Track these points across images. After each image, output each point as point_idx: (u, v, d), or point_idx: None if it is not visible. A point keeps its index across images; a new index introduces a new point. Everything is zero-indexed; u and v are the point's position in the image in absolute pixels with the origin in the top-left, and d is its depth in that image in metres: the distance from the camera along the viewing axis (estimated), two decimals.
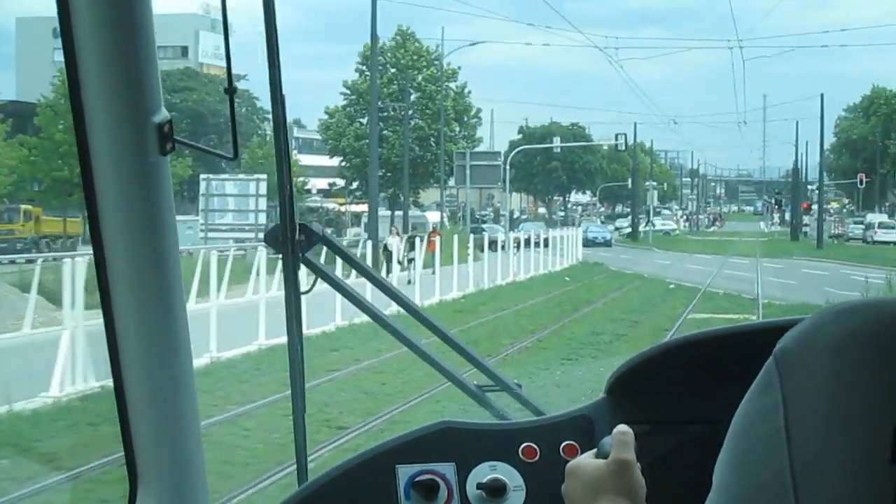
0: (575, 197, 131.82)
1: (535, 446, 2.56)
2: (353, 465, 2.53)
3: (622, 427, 1.93)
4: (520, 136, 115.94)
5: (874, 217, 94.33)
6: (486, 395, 3.17)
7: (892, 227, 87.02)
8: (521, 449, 2.56)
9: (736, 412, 1.31)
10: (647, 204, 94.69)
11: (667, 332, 24.25)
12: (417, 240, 37.47)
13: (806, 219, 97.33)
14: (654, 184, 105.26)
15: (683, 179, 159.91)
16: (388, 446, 2.57)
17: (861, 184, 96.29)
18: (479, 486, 2.51)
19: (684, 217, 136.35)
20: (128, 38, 2.03)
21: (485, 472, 2.53)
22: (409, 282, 32.90)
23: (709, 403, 2.40)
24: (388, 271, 34.47)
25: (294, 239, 2.92)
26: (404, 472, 2.52)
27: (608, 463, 1.88)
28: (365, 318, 3.24)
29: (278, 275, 27.76)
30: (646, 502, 1.88)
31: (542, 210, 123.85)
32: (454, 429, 2.58)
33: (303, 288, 3.03)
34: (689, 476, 2.08)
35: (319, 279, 3.03)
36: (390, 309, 3.50)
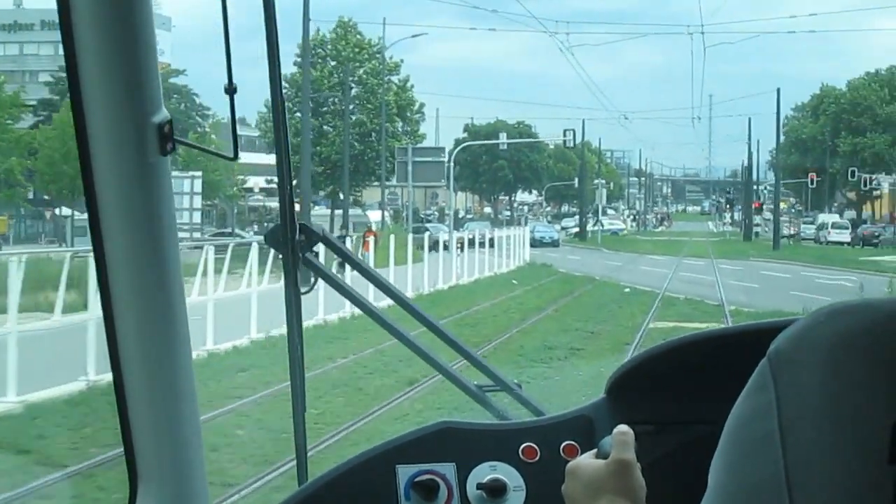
0: (521, 196, 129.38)
1: (536, 446, 2.55)
2: (353, 466, 2.51)
3: (622, 427, 1.91)
4: (465, 133, 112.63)
5: (826, 217, 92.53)
6: (486, 394, 3.14)
7: (846, 228, 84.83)
8: (521, 449, 2.55)
9: (730, 413, 1.31)
10: (596, 203, 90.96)
11: (628, 345, 21.18)
12: (348, 240, 34.07)
13: (757, 219, 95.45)
14: (604, 182, 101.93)
15: (630, 179, 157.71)
16: (388, 446, 2.54)
17: (812, 183, 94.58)
18: (480, 486, 2.50)
19: (631, 217, 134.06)
20: (128, 38, 2.02)
21: (485, 472, 2.52)
22: None
23: (709, 404, 2.28)
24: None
25: (294, 239, 2.92)
26: (404, 472, 2.50)
27: (608, 463, 1.86)
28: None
29: (199, 279, 25.03)
30: (646, 503, 1.87)
31: (488, 209, 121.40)
32: (454, 429, 2.57)
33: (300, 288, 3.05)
34: (690, 477, 2.01)
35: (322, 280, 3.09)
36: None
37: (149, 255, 2.17)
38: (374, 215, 68.93)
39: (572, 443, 2.55)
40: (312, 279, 3.07)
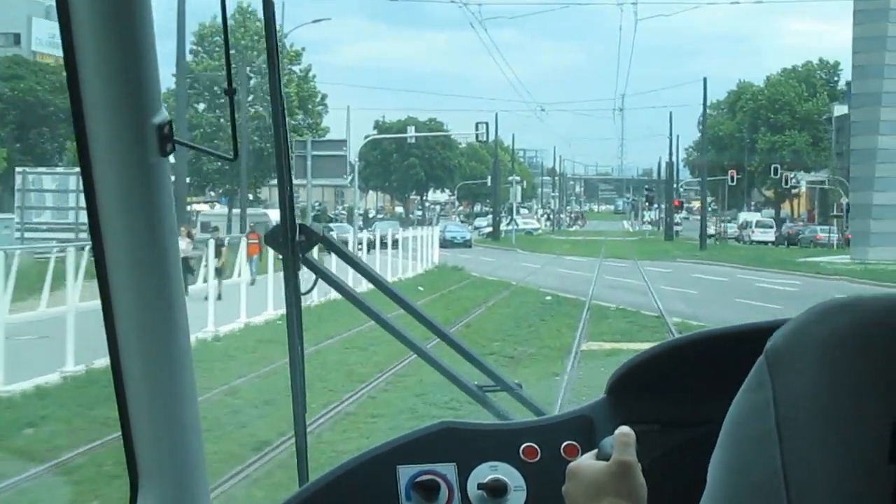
0: (433, 195, 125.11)
1: (536, 446, 2.54)
2: (353, 466, 2.51)
3: (624, 429, 1.88)
4: (375, 131, 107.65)
5: (748, 215, 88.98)
6: (487, 395, 3.13)
7: (770, 227, 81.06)
8: (521, 449, 2.54)
9: (728, 411, 1.30)
10: (510, 201, 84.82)
11: (557, 377, 16.39)
12: (215, 243, 28.45)
13: (675, 217, 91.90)
14: (518, 178, 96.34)
15: (543, 178, 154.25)
16: (389, 447, 2.54)
17: (732, 180, 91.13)
18: (480, 486, 2.49)
19: (546, 216, 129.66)
20: (127, 38, 2.02)
21: (485, 472, 2.51)
22: (219, 297, 24.47)
23: (709, 404, 2.21)
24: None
25: (294, 240, 2.94)
26: (405, 472, 2.49)
27: (610, 465, 1.84)
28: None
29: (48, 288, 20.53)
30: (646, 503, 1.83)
31: (400, 209, 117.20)
32: (455, 429, 2.56)
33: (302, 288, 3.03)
34: (690, 477, 2.02)
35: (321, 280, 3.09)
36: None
37: (149, 255, 2.15)
38: (276, 214, 63.92)
39: (573, 443, 2.52)
40: (313, 280, 3.05)
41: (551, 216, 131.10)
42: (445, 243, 64.84)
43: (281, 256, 2.99)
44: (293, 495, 2.49)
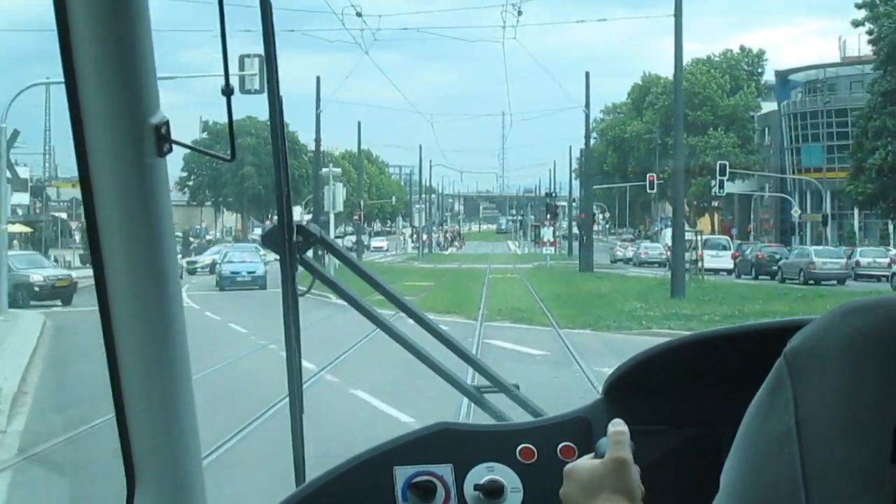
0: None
1: (533, 447, 2.42)
2: (350, 467, 2.39)
3: (619, 427, 1.77)
4: (205, 134, 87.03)
5: (689, 235, 61.12)
6: (484, 396, 2.95)
7: (725, 249, 52.86)
8: (518, 450, 2.41)
9: (746, 412, 1.24)
10: (327, 209, 50.77)
11: None
12: None
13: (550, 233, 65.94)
14: (338, 172, 61.01)
15: (415, 195, 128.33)
16: (386, 448, 2.41)
17: (651, 186, 64.36)
18: (477, 487, 2.36)
19: (413, 236, 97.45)
20: (125, 38, 1.94)
21: (482, 473, 2.38)
22: None
23: (706, 405, 2.29)
24: None
25: (291, 240, 2.77)
26: (402, 473, 2.37)
27: (605, 462, 1.76)
28: None
29: None
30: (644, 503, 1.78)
31: (260, 230, 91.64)
32: (452, 430, 2.44)
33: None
34: (688, 477, 1.98)
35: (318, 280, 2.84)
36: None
37: (146, 256, 2.05)
38: None
39: (570, 444, 2.41)
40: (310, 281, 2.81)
41: (416, 235, 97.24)
42: (227, 282, 38.27)
43: (278, 257, 2.71)
44: (290, 496, 2.34)
